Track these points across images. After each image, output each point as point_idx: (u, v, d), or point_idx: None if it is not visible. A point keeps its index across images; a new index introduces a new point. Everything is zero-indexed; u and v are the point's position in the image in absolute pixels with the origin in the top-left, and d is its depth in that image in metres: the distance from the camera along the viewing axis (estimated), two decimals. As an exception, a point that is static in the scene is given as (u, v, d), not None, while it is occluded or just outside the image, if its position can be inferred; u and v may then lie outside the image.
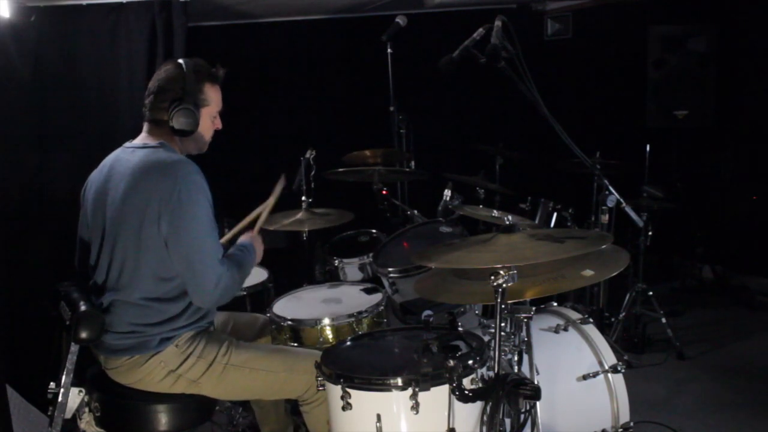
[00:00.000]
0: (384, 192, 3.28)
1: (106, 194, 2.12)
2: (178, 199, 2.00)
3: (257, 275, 3.09)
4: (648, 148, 4.12)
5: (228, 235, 2.51)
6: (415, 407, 1.74)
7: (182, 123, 2.12)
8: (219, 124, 2.28)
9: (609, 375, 2.27)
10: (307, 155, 3.28)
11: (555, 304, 2.66)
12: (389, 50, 3.80)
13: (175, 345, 2.11)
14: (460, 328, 2.05)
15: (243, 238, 2.36)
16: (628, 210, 2.65)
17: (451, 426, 1.76)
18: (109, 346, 2.11)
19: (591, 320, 2.44)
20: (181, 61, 2.17)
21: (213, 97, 2.21)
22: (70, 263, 2.35)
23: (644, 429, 2.86)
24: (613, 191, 2.67)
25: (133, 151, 2.15)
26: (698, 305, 4.48)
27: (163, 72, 2.17)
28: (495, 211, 2.77)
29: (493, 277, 1.69)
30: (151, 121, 2.18)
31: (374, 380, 1.79)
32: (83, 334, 1.95)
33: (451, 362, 1.72)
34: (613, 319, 3.82)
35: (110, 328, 2.09)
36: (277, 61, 4.57)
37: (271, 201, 2.49)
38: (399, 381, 1.76)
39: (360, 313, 2.53)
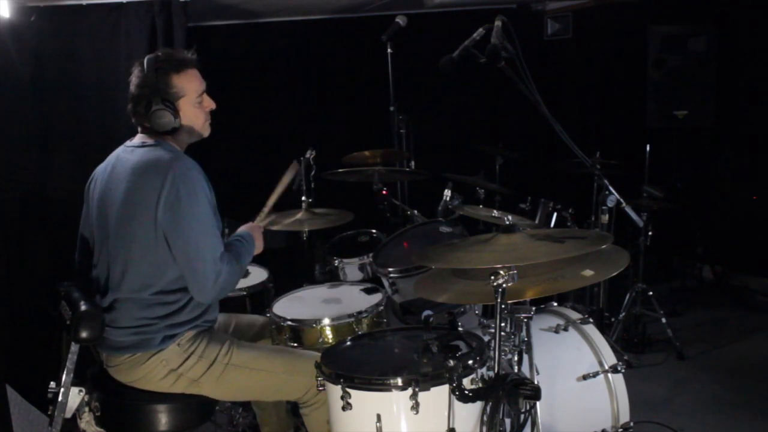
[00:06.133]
0: (384, 192, 3.28)
1: (109, 194, 2.14)
2: (176, 196, 2.00)
3: (257, 275, 3.09)
4: (648, 148, 4.12)
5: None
6: (415, 407, 1.74)
7: (160, 125, 2.10)
8: (210, 104, 2.23)
9: (609, 375, 2.27)
10: (307, 155, 3.27)
11: (555, 304, 2.65)
12: (389, 50, 3.79)
13: (177, 344, 2.12)
14: (460, 328, 2.05)
15: (243, 228, 2.34)
16: (628, 210, 2.64)
17: (451, 426, 1.76)
18: (112, 344, 2.12)
19: (591, 320, 2.44)
20: (145, 60, 2.13)
21: (186, 85, 2.14)
22: (70, 263, 2.36)
23: (644, 429, 2.86)
24: (613, 191, 2.66)
25: (133, 151, 2.16)
26: (698, 305, 4.48)
27: (133, 77, 2.15)
28: (495, 211, 2.77)
29: (493, 277, 1.69)
30: (140, 126, 2.19)
31: (374, 380, 1.79)
32: (84, 334, 1.95)
33: (451, 362, 1.72)
34: (613, 319, 3.82)
35: (114, 325, 2.11)
36: (277, 61, 4.57)
37: (281, 186, 2.47)
38: (399, 381, 1.76)
39: (360, 313, 2.52)
